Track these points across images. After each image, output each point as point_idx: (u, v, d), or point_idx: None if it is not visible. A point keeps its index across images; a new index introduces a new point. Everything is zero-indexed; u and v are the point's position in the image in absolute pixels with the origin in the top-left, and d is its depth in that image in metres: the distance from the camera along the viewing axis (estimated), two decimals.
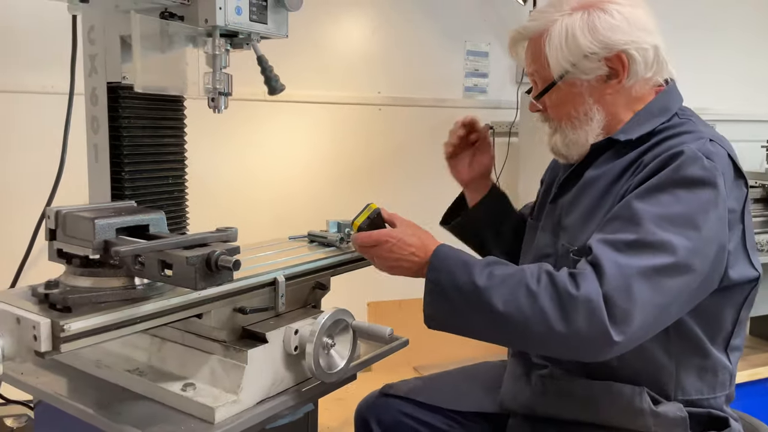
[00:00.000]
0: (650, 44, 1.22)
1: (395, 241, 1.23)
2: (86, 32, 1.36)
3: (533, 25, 1.28)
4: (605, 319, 1.02)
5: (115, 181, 1.36)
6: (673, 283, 1.06)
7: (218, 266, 1.01)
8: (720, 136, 1.20)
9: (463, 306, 1.12)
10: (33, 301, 1.04)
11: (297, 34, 1.35)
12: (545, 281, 1.07)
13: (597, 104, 1.25)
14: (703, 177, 1.09)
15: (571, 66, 1.23)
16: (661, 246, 1.06)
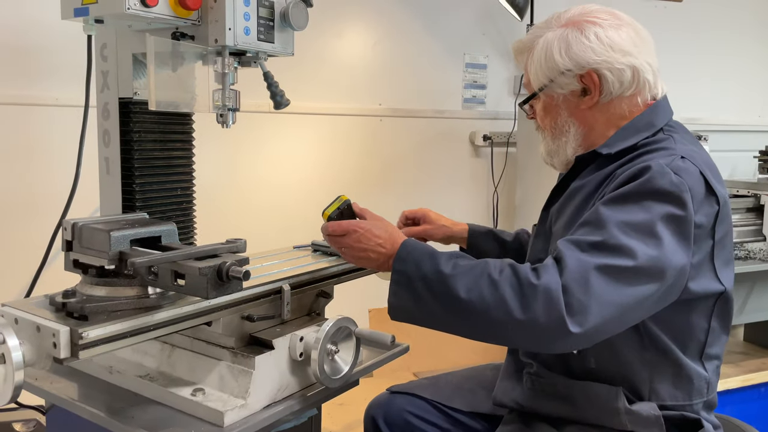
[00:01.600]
0: (626, 65, 1.26)
1: (363, 231, 1.29)
2: (99, 50, 1.41)
3: (525, 39, 1.37)
4: (562, 308, 1.07)
5: (126, 193, 1.40)
6: (632, 286, 1.10)
7: (229, 276, 1.05)
8: (695, 154, 1.23)
9: (427, 295, 1.16)
10: (50, 309, 1.09)
11: (301, 48, 1.40)
12: (507, 272, 1.12)
13: (572, 117, 1.32)
14: (669, 191, 1.13)
15: (548, 80, 1.31)
16: (621, 250, 1.10)
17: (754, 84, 3.72)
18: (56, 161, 1.98)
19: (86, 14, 1.20)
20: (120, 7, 1.13)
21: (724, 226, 1.21)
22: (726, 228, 1.22)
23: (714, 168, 1.25)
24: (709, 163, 1.25)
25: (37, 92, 2.05)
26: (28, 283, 1.43)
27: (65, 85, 2.06)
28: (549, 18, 1.36)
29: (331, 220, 1.34)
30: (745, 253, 2.84)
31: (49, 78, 2.07)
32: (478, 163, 3.05)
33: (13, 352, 0.96)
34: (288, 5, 1.30)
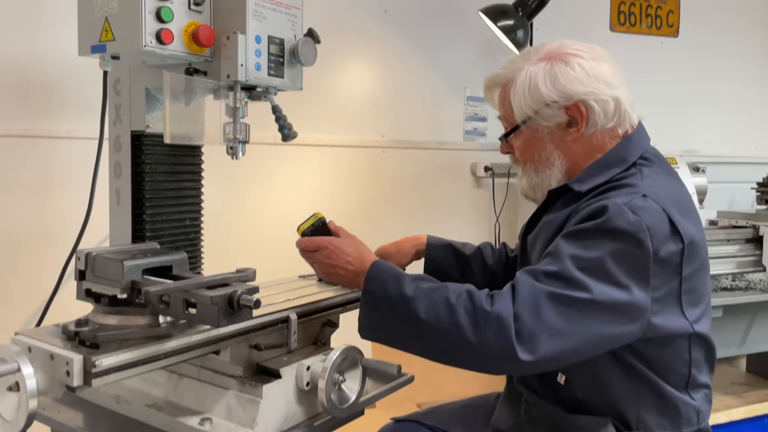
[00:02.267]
0: (610, 96, 1.28)
1: (333, 248, 1.35)
2: (113, 84, 1.45)
3: (503, 72, 1.38)
4: (512, 335, 1.11)
5: (135, 223, 1.43)
6: (584, 318, 1.13)
7: (240, 305, 1.07)
8: (660, 190, 1.22)
9: (391, 315, 1.21)
10: (62, 338, 1.10)
11: (307, 82, 1.44)
12: (464, 297, 1.17)
13: (558, 150, 1.33)
14: (625, 230, 1.14)
15: (533, 112, 1.31)
16: (575, 282, 1.13)
17: (751, 117, 3.78)
18: (68, 192, 2.01)
19: (103, 51, 1.24)
20: (137, 45, 1.17)
21: (693, 265, 1.20)
22: (696, 266, 1.21)
23: (685, 205, 1.25)
24: (679, 199, 1.25)
25: (50, 125, 2.10)
26: (38, 312, 1.44)
27: (77, 118, 2.10)
28: (524, 53, 1.37)
29: (305, 235, 1.40)
30: (746, 284, 2.86)
31: (61, 111, 2.11)
32: (480, 193, 3.08)
33: (27, 380, 0.97)
34: (297, 42, 1.35)
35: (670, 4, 3.52)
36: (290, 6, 1.34)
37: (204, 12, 1.26)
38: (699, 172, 2.70)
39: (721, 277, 2.85)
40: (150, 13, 1.18)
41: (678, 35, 3.56)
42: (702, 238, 1.25)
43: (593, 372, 1.24)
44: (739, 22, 3.71)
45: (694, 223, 1.24)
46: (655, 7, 3.48)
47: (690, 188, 2.58)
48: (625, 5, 3.42)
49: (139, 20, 1.17)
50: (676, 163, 2.63)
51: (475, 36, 2.98)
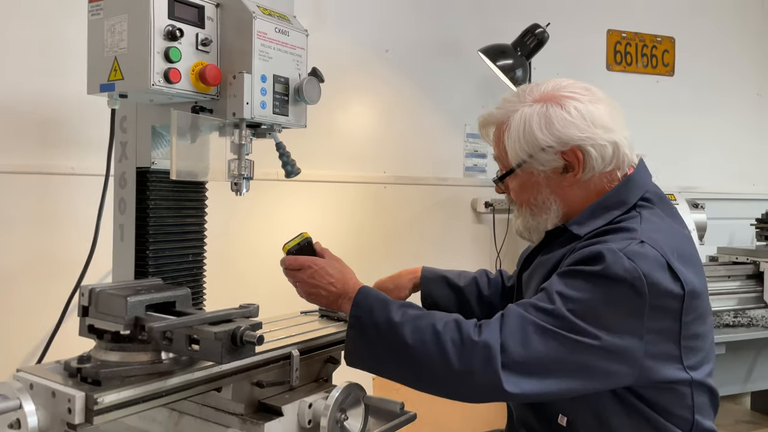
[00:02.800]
0: (608, 141, 1.24)
1: (317, 268, 1.34)
2: (120, 122, 1.47)
3: (497, 113, 1.34)
4: (498, 365, 1.10)
5: (139, 259, 1.43)
6: (571, 355, 1.12)
7: (243, 341, 1.07)
8: (660, 235, 1.19)
9: (377, 341, 1.20)
10: (64, 375, 1.10)
11: (310, 119, 1.46)
12: (451, 325, 1.16)
13: (554, 195, 1.30)
14: (622, 277, 1.12)
15: (528, 156, 1.27)
16: (564, 321, 1.12)
17: (748, 154, 3.82)
18: (73, 229, 2.02)
19: (112, 89, 1.26)
20: (145, 83, 1.20)
21: (693, 313, 1.18)
22: (696, 315, 1.19)
23: (686, 251, 1.22)
24: (680, 245, 1.22)
25: (56, 162, 2.13)
26: (40, 348, 1.44)
27: (83, 155, 2.13)
28: (519, 92, 1.33)
29: (290, 254, 1.39)
30: (748, 320, 2.85)
31: (68, 148, 2.14)
32: (481, 229, 3.10)
33: (29, 417, 0.97)
34: (302, 81, 1.38)
35: (665, 43, 3.59)
36: (295, 46, 1.38)
37: (211, 52, 1.29)
38: (698, 208, 2.72)
39: (723, 313, 2.85)
40: (159, 53, 1.20)
41: (674, 74, 3.62)
42: (703, 286, 1.23)
43: (596, 414, 1.22)
44: (734, 61, 3.78)
45: (696, 270, 1.22)
46: (651, 46, 3.56)
47: (690, 224, 2.59)
48: (621, 45, 3.49)
49: (148, 60, 1.19)
50: (675, 200, 2.65)
51: (474, 74, 3.04)
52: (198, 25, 1.27)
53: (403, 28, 2.93)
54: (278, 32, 1.33)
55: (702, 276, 1.24)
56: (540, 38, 2.83)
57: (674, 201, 2.65)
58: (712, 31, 3.71)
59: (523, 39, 2.84)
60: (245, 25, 1.28)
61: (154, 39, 1.20)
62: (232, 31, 1.30)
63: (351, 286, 1.30)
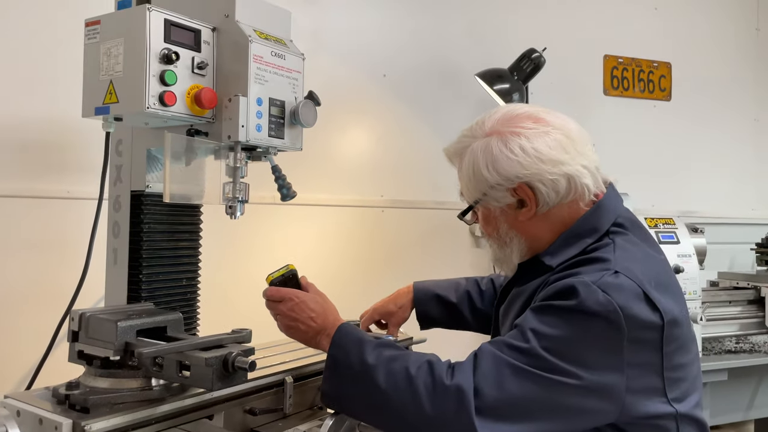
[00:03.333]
0: (559, 174, 1.20)
1: (298, 301, 1.30)
2: (115, 145, 1.47)
3: (453, 147, 1.32)
4: (472, 410, 1.05)
5: (132, 284, 1.41)
6: (548, 395, 1.08)
7: (235, 367, 1.05)
8: (635, 264, 1.16)
9: (350, 383, 1.16)
10: (52, 401, 1.08)
11: (308, 143, 1.46)
12: (424, 368, 1.12)
13: (513, 229, 1.27)
14: (596, 311, 1.08)
15: (482, 194, 1.26)
16: (539, 359, 1.08)
17: (746, 179, 3.83)
18: (66, 253, 2.01)
19: (107, 113, 1.26)
20: (140, 106, 1.19)
21: (675, 343, 1.15)
22: (678, 345, 1.16)
23: (663, 278, 1.19)
24: (657, 272, 1.18)
25: (50, 185, 2.12)
26: (29, 375, 1.41)
27: (77, 179, 2.13)
28: (474, 124, 1.31)
29: (273, 285, 1.36)
30: (750, 346, 2.82)
31: (62, 172, 2.14)
32: (479, 253, 3.08)
33: None
34: (298, 104, 1.37)
35: (661, 69, 3.62)
36: (291, 70, 1.38)
37: (207, 75, 1.29)
38: (697, 232, 2.71)
39: (724, 339, 2.82)
40: (154, 76, 1.20)
41: (671, 99, 3.64)
42: (683, 314, 1.19)
43: None
44: (730, 86, 3.81)
45: (675, 297, 1.18)
46: (647, 72, 3.58)
47: (689, 249, 2.58)
48: (617, 70, 3.51)
49: (144, 83, 1.19)
50: (674, 224, 2.64)
51: (472, 98, 3.05)
52: (194, 49, 1.27)
53: (401, 52, 2.95)
54: (274, 56, 1.33)
55: (682, 303, 1.20)
56: (536, 63, 2.85)
57: (673, 225, 2.64)
58: (708, 56, 3.74)
59: (519, 63, 2.86)
60: (241, 48, 1.28)
61: (150, 62, 1.20)
62: (229, 54, 1.30)
63: (331, 322, 1.26)
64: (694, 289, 2.52)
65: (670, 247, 2.52)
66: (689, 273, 2.51)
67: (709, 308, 2.71)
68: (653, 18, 3.61)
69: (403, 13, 2.96)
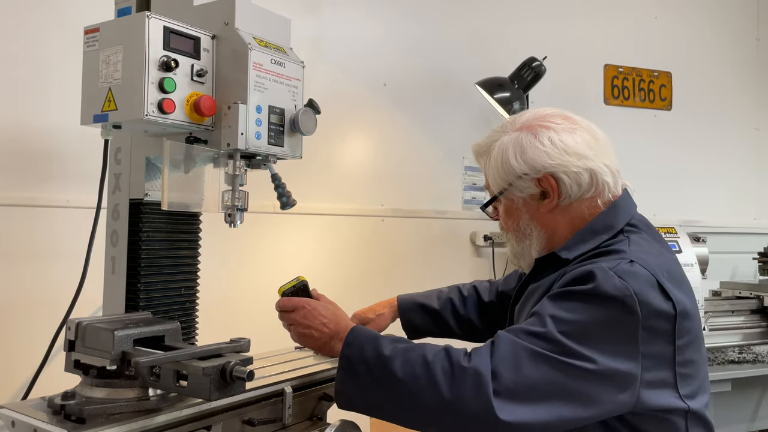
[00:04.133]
0: (583, 168, 1.26)
1: (309, 309, 1.35)
2: (113, 153, 1.46)
3: (483, 143, 1.40)
4: (490, 392, 1.07)
5: (130, 292, 1.40)
6: (566, 381, 1.09)
7: (233, 377, 1.04)
8: (650, 257, 1.20)
9: (367, 377, 1.18)
10: (48, 412, 1.06)
11: (308, 151, 1.45)
12: (441, 354, 1.14)
13: (533, 220, 1.33)
14: (612, 295, 1.11)
15: (507, 184, 1.32)
16: (557, 344, 1.10)
17: (747, 188, 3.82)
18: (63, 262, 2.00)
19: (105, 120, 1.25)
20: (138, 114, 1.19)
21: (687, 336, 1.16)
22: (690, 338, 1.17)
23: (676, 274, 1.22)
24: (670, 267, 1.22)
25: (48, 194, 2.12)
26: (25, 385, 1.40)
27: (75, 187, 2.12)
28: (505, 122, 1.40)
29: (285, 296, 1.41)
30: (753, 357, 2.80)
31: (61, 180, 2.13)
32: (480, 262, 3.07)
33: None
34: (297, 112, 1.37)
35: (662, 78, 3.62)
36: (291, 77, 1.37)
37: (206, 83, 1.29)
38: (699, 242, 2.69)
39: (727, 349, 2.80)
40: (153, 83, 1.20)
41: (671, 108, 3.64)
42: (695, 308, 1.21)
43: None
44: (731, 95, 3.81)
45: (686, 293, 1.21)
46: (648, 81, 3.58)
47: (691, 258, 2.56)
48: (618, 79, 3.52)
49: (142, 90, 1.18)
50: (675, 233, 2.63)
51: (472, 107, 3.05)
52: (193, 56, 1.27)
53: (401, 61, 2.95)
54: (274, 63, 1.33)
55: (693, 300, 1.23)
56: (537, 71, 2.85)
57: (675, 234, 2.63)
58: (708, 66, 3.74)
59: (520, 72, 2.86)
60: (241, 56, 1.28)
61: (149, 70, 1.19)
62: (228, 62, 1.30)
63: (343, 327, 1.30)
64: (697, 299, 2.51)
65: None
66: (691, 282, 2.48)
67: (712, 318, 2.70)
68: (654, 27, 3.61)
69: (403, 22, 2.97)
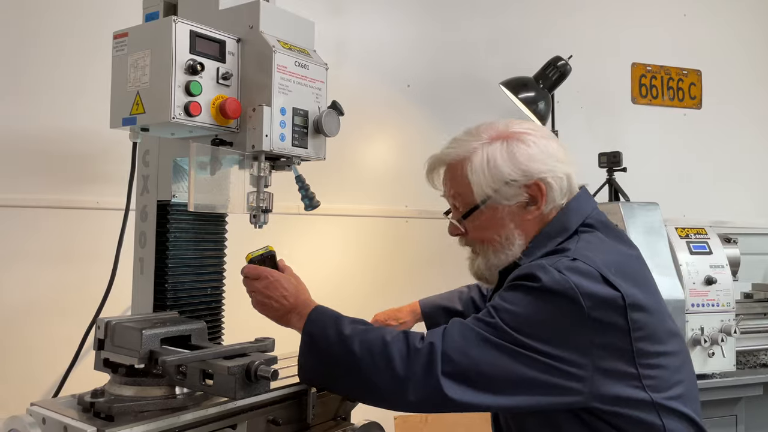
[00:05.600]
0: (564, 173, 1.29)
1: (272, 280, 1.36)
2: (141, 156, 1.49)
3: (453, 152, 1.36)
4: (438, 371, 1.12)
5: (158, 292, 1.43)
6: (514, 367, 1.12)
7: (257, 376, 1.05)
8: (596, 255, 1.20)
9: (327, 353, 1.22)
10: (78, 409, 1.09)
11: (331, 152, 1.46)
12: (399, 336, 1.19)
13: (518, 229, 1.31)
14: (554, 289, 1.14)
15: (493, 192, 1.29)
16: (505, 333, 1.14)
17: None
18: (93, 262, 2.04)
19: (134, 123, 1.27)
20: (166, 116, 1.21)
21: (643, 331, 1.16)
22: (647, 333, 1.17)
23: (628, 268, 1.22)
24: (620, 262, 1.22)
25: (78, 197, 2.17)
26: (57, 383, 1.43)
27: (104, 189, 2.17)
28: (471, 131, 1.37)
29: (251, 263, 1.41)
30: None
31: (91, 183, 2.18)
32: None
33: None
34: (321, 114, 1.38)
35: (691, 76, 3.56)
36: (315, 80, 1.38)
37: (231, 85, 1.30)
38: (730, 243, 2.63)
39: (759, 352, 2.73)
40: (180, 87, 1.22)
41: (701, 107, 3.57)
42: (653, 303, 1.21)
43: None
44: (762, 93, 3.72)
45: (641, 288, 1.21)
46: (677, 79, 3.52)
47: (722, 259, 2.51)
48: (646, 78, 3.46)
49: (169, 93, 1.20)
50: (706, 234, 2.57)
51: (496, 107, 3.03)
52: (219, 60, 1.28)
53: (425, 62, 2.95)
54: (298, 66, 1.34)
55: (651, 293, 1.23)
56: (562, 71, 2.82)
57: (705, 235, 2.57)
58: (738, 63, 3.66)
59: (545, 71, 2.83)
60: (265, 59, 1.29)
61: (176, 73, 1.21)
62: (253, 64, 1.31)
63: (302, 301, 1.33)
64: (728, 301, 2.45)
65: (702, 257, 2.46)
66: (722, 284, 2.44)
67: (743, 321, 2.64)
68: (682, 25, 3.55)
69: (426, 23, 2.97)
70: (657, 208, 2.48)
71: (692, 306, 2.38)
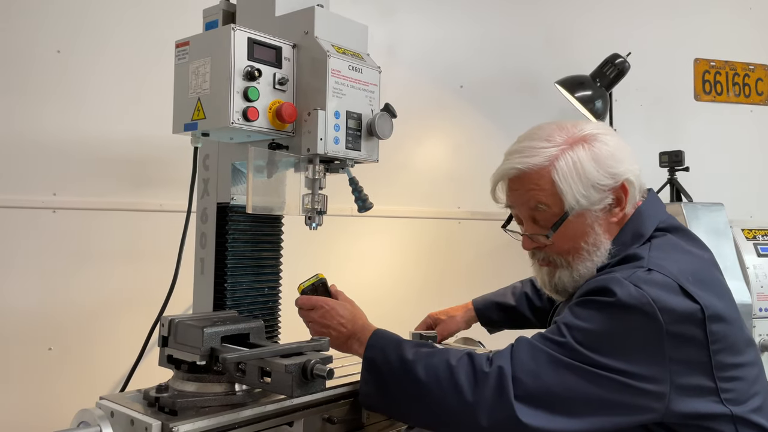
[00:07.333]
0: (637, 172, 1.27)
1: (328, 308, 1.36)
2: (202, 160, 1.54)
3: (528, 160, 1.27)
4: (511, 395, 1.08)
5: (217, 292, 1.47)
6: (586, 387, 1.08)
7: (313, 375, 1.07)
8: (670, 263, 1.15)
9: (391, 379, 1.20)
10: (143, 403, 1.13)
11: (384, 154, 1.47)
12: (464, 360, 1.15)
13: (605, 234, 1.26)
14: (631, 304, 1.08)
15: (583, 197, 1.23)
16: (576, 352, 1.09)
17: None
18: (157, 262, 2.12)
19: (195, 128, 1.32)
20: (225, 122, 1.25)
21: (722, 342, 1.11)
22: (727, 344, 1.11)
23: (704, 276, 1.16)
24: (696, 270, 1.16)
25: (144, 199, 2.26)
26: (124, 377, 1.49)
27: (167, 192, 2.26)
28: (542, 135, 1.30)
29: (304, 293, 1.43)
30: None
31: (155, 186, 2.27)
32: None
33: None
34: (374, 117, 1.39)
35: (758, 71, 3.40)
36: (368, 83, 1.40)
37: (287, 90, 1.33)
38: None
39: None
40: (238, 92, 1.25)
41: None
42: (731, 312, 1.15)
43: None
44: None
45: (719, 295, 1.15)
46: (743, 75, 3.38)
47: None
48: (710, 74, 3.34)
49: (228, 99, 1.24)
50: None
51: (551, 107, 2.98)
52: (275, 65, 1.32)
53: (477, 63, 2.93)
54: (351, 70, 1.36)
55: (728, 301, 1.17)
56: (620, 68, 2.75)
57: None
58: None
59: (602, 69, 2.77)
60: (320, 64, 1.32)
61: (234, 79, 1.25)
62: (308, 69, 1.34)
63: (360, 327, 1.32)
64: None
65: None
66: None
67: None
68: (748, 18, 3.40)
69: (479, 23, 2.95)
70: (722, 208, 2.39)
71: (759, 311, 2.29)
